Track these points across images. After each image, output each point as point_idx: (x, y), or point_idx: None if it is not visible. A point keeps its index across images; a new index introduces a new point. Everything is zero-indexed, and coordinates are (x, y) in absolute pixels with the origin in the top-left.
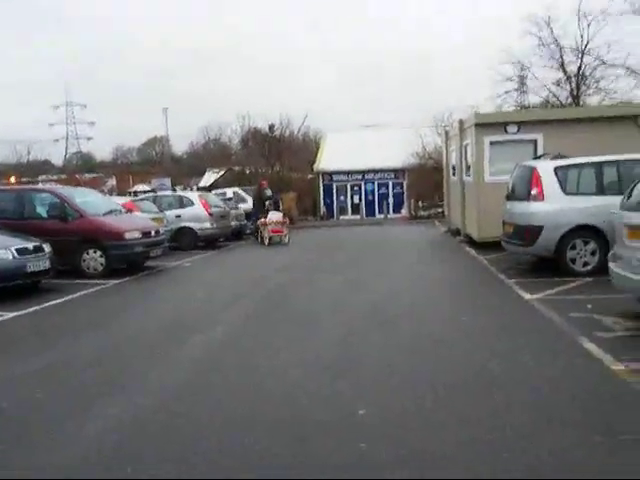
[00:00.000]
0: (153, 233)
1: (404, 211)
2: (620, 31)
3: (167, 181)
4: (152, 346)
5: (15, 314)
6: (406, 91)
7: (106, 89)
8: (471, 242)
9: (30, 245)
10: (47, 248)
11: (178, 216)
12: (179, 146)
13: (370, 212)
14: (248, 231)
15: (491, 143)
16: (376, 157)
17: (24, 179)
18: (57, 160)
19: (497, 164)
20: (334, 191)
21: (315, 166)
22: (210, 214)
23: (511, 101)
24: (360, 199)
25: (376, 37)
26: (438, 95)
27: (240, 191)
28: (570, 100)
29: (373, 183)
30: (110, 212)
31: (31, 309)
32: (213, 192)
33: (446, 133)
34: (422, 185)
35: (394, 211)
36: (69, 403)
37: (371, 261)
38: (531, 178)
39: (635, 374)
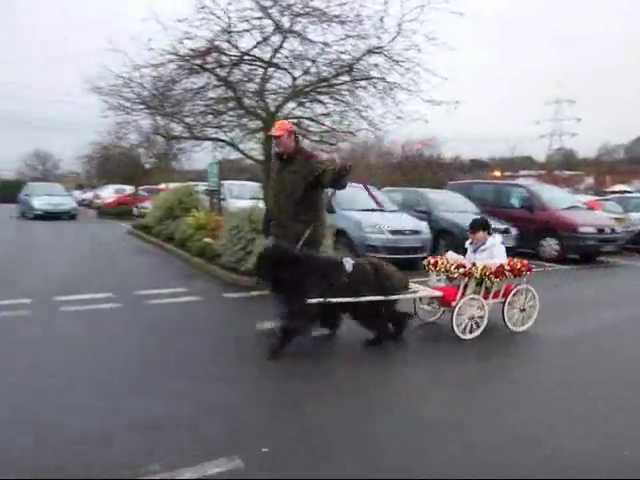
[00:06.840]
0: (607, 230)
1: None
2: None
3: None
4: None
5: None
6: None
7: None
8: None
9: (501, 227)
10: (513, 231)
11: None
12: None
13: None
14: None
15: None
16: None
17: (507, 173)
18: (539, 156)
19: None
20: None
21: None
22: None
23: None
24: None
25: None
26: None
27: None
28: None
29: None
30: (569, 207)
31: None
32: None
33: None
34: None
35: None
36: None
37: None
38: None
39: None
